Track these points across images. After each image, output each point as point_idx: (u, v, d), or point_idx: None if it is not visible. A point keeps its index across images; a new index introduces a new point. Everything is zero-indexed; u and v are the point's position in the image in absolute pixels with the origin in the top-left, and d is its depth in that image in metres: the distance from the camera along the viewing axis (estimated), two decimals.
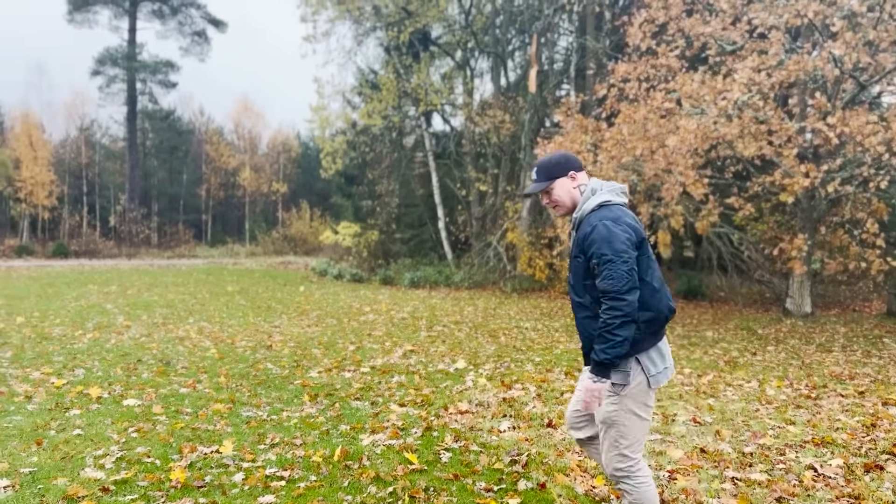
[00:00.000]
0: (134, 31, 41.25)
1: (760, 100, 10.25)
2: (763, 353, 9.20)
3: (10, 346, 8.25)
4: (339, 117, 23.78)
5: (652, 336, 2.89)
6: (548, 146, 12.91)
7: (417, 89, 21.67)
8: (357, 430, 4.99)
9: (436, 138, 24.88)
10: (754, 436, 5.03)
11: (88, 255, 34.29)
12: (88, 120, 45.09)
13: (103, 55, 40.02)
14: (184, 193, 46.65)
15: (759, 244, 16.07)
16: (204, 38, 42.94)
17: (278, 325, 10.91)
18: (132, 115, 41.39)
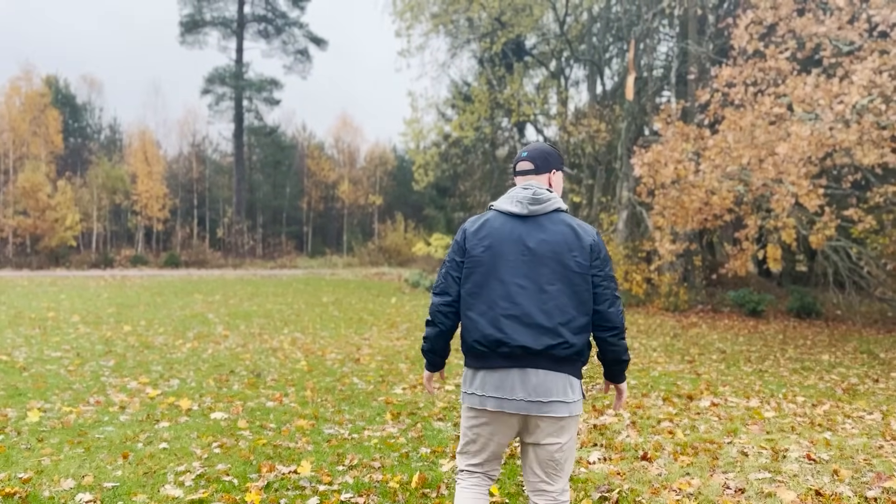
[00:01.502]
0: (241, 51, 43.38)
1: (882, 103, 9.38)
2: (886, 381, 8.34)
3: (114, 354, 8.64)
4: (431, 130, 23.94)
5: (469, 357, 2.69)
6: (645, 155, 12.38)
7: (510, 100, 21.48)
8: (437, 454, 4.80)
9: None
10: (878, 477, 4.46)
11: (197, 265, 36.12)
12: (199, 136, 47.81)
13: (212, 74, 42.28)
14: (286, 206, 48.45)
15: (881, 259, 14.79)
16: (306, 56, 44.60)
17: (368, 337, 10.94)
18: (239, 132, 43.45)
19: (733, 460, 4.81)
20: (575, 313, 2.57)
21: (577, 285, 2.57)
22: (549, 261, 2.58)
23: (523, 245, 2.61)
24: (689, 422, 5.96)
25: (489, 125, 23.25)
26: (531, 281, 2.57)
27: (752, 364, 9.46)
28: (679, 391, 7.33)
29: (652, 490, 4.16)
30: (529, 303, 2.56)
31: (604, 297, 2.60)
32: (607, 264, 2.63)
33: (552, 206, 2.67)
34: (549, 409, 2.55)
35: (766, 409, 6.51)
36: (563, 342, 2.53)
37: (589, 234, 2.63)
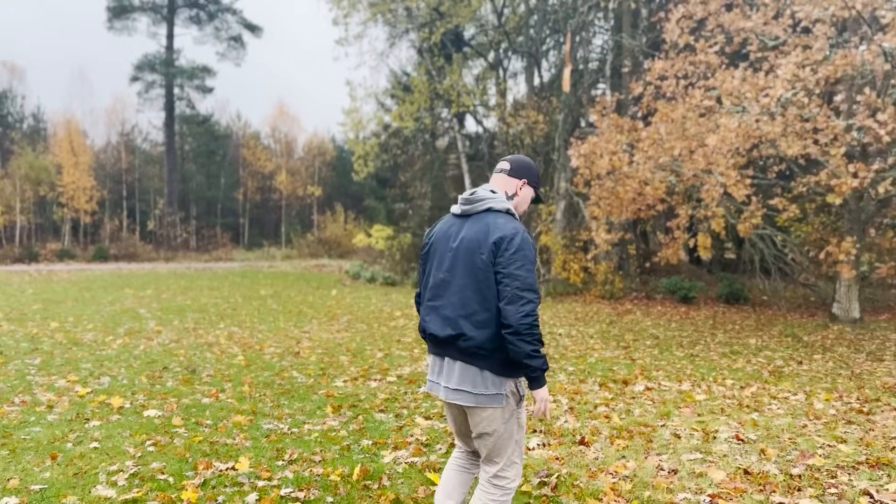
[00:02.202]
0: (171, 38, 41.96)
1: (805, 97, 9.80)
2: (809, 363, 8.75)
3: (41, 352, 8.27)
4: (371, 120, 23.74)
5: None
6: (581, 146, 12.59)
7: (450, 91, 21.49)
8: (379, 446, 4.79)
9: (468, 140, 24.68)
10: (802, 455, 4.69)
11: (128, 259, 34.90)
12: (128, 126, 46.07)
13: (142, 61, 40.78)
14: (221, 197, 47.27)
15: (804, 246, 15.49)
16: (240, 43, 43.49)
17: (308, 330, 10.81)
18: (170, 121, 42.09)
19: (667, 443, 4.97)
20: (477, 307, 2.64)
21: (482, 281, 2.64)
22: (463, 256, 2.70)
23: (451, 242, 2.78)
24: (624, 406, 6.12)
25: (429, 116, 23.19)
26: (450, 274, 2.72)
27: (684, 349, 9.78)
28: (615, 376, 7.51)
29: (589, 473, 4.26)
30: (445, 295, 2.73)
31: (503, 294, 2.61)
32: (514, 263, 2.60)
33: (484, 206, 2.77)
34: (455, 397, 2.70)
35: (698, 392, 6.74)
36: (462, 334, 2.64)
37: (498, 231, 2.66)
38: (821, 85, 9.76)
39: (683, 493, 3.95)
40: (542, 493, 3.94)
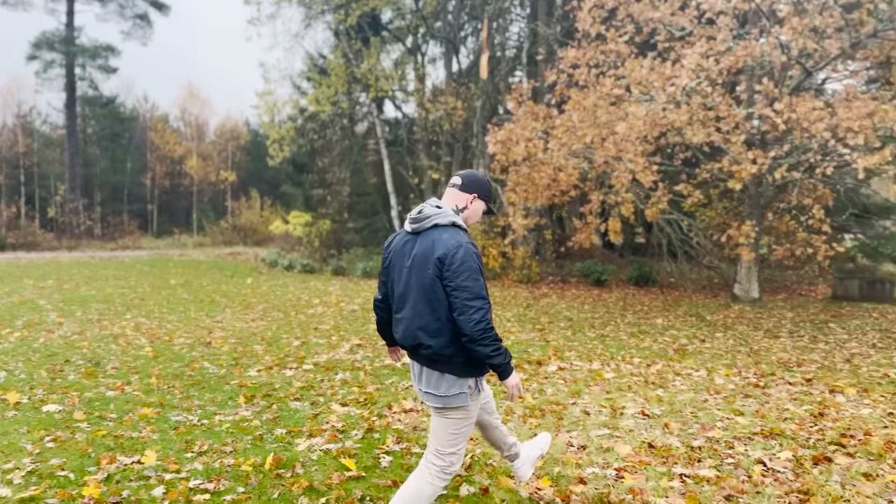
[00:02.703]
0: (72, 14, 39.50)
1: (708, 86, 10.24)
2: (712, 340, 9.22)
3: None
4: (286, 103, 23.20)
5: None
6: (498, 133, 12.73)
7: (367, 75, 21.25)
8: (293, 434, 4.72)
9: (388, 125, 24.52)
10: (703, 428, 4.94)
11: (26, 248, 32.88)
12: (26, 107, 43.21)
13: (39, 39, 38.22)
14: (128, 183, 45.08)
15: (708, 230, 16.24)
16: (146, 21, 41.37)
17: (221, 319, 10.51)
18: (71, 102, 39.72)
19: (577, 419, 5.13)
20: (430, 318, 2.86)
21: (430, 294, 2.85)
22: (416, 273, 2.91)
23: (406, 259, 2.98)
24: (538, 386, 6.27)
25: (347, 100, 22.88)
26: (407, 289, 2.95)
27: (595, 330, 10.09)
28: (530, 358, 7.68)
29: None
30: (404, 309, 2.97)
31: (454, 306, 2.80)
32: (459, 276, 2.77)
33: (430, 223, 2.96)
34: (426, 398, 3.01)
35: (607, 371, 6.98)
36: (420, 343, 2.89)
37: (441, 248, 2.83)
38: (723, 75, 10.21)
39: (591, 468, 4.09)
40: (457, 473, 3.99)
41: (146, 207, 45.74)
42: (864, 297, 14.86)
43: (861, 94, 9.91)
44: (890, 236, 18.84)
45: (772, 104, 9.93)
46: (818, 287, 17.64)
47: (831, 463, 4.21)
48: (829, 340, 9.44)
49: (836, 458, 4.28)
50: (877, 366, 7.57)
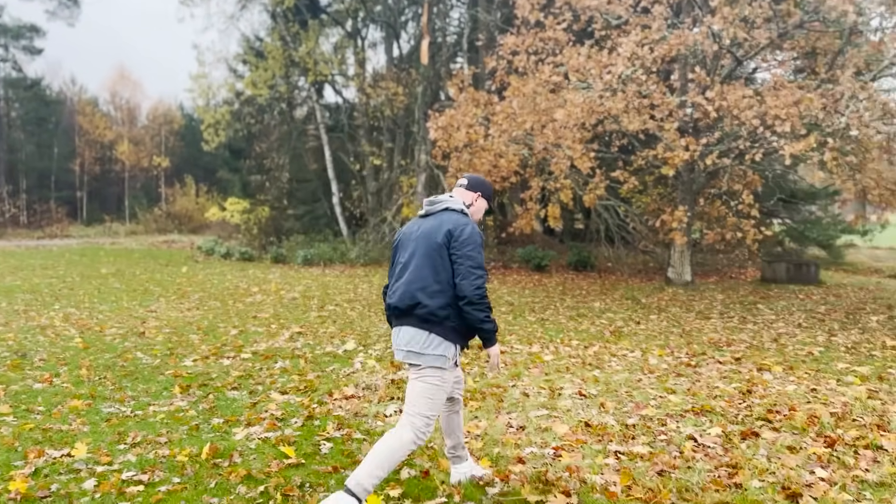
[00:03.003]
0: None
1: (643, 74, 10.46)
2: (646, 322, 9.48)
3: None
4: (222, 86, 22.62)
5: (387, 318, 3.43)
6: (439, 119, 12.71)
7: (306, 59, 20.87)
8: (231, 424, 4.64)
9: (328, 110, 24.18)
10: (637, 407, 5.08)
11: None
12: None
13: None
14: (55, 169, 43.13)
15: (644, 216, 16.66)
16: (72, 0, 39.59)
17: (155, 309, 10.21)
18: None
19: (516, 401, 5.21)
20: (431, 280, 3.18)
21: (435, 259, 3.20)
22: (422, 243, 3.27)
23: (413, 234, 3.36)
24: (479, 370, 6.33)
25: (285, 84, 22.44)
26: (411, 258, 3.28)
27: (535, 314, 10.25)
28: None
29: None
30: (405, 274, 3.27)
31: (458, 271, 3.17)
32: (465, 246, 3.18)
33: (442, 206, 3.40)
34: (407, 357, 3.23)
35: (546, 354, 7.11)
36: (418, 303, 3.16)
37: (451, 223, 3.27)
38: (658, 63, 10.45)
39: (530, 448, 4.16)
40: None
41: (75, 194, 43.88)
42: (791, 279, 15.53)
43: (788, 83, 10.31)
44: (816, 221, 19.75)
45: (704, 92, 10.22)
46: (748, 270, 18.34)
47: (758, 437, 4.40)
48: (758, 321, 9.84)
49: (763, 433, 4.47)
50: (802, 344, 7.94)
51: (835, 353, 7.41)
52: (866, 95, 9.54)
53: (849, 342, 8.15)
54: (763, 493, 3.51)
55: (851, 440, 4.30)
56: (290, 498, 3.41)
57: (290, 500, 3.38)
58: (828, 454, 4.06)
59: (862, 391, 5.57)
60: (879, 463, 3.92)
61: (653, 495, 3.46)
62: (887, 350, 7.65)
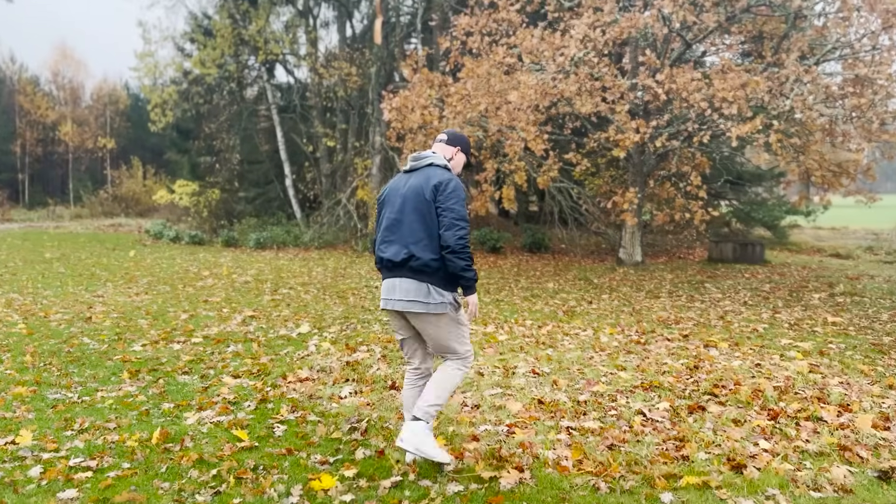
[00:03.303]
0: None
1: (595, 57, 10.55)
2: (598, 302, 9.65)
3: None
4: (169, 65, 21.96)
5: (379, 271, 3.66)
6: (393, 100, 12.61)
7: (256, 37, 20.41)
8: (182, 408, 4.57)
9: (279, 91, 23.74)
10: (588, 383, 5.18)
11: None
12: None
13: None
14: None
15: (596, 198, 16.90)
16: None
17: (102, 294, 9.94)
18: None
19: (471, 381, 5.25)
20: (423, 235, 3.42)
21: (426, 215, 3.44)
22: (411, 199, 3.49)
23: (400, 190, 3.57)
24: None
25: (234, 63, 21.92)
26: (401, 214, 3.51)
27: (490, 295, 10.33)
28: None
29: (399, 415, 4.39)
30: (398, 230, 3.49)
31: (443, 223, 3.41)
32: (450, 199, 3.42)
33: (426, 162, 3.60)
34: (409, 307, 3.45)
35: (501, 333, 7.18)
36: (412, 255, 3.41)
37: (436, 177, 3.49)
38: (609, 46, 10.55)
39: (485, 425, 4.21)
40: (353, 437, 4.01)
41: (16, 177, 42.20)
42: (737, 258, 15.98)
43: (736, 66, 10.53)
44: (761, 202, 20.34)
45: (654, 75, 10.38)
46: (696, 250, 18.79)
47: (704, 411, 4.54)
48: (705, 299, 10.11)
49: (709, 407, 4.61)
50: (747, 321, 8.20)
51: (778, 330, 7.68)
52: (810, 79, 9.82)
53: (792, 319, 8.44)
54: (709, 464, 3.63)
55: (793, 412, 4.47)
56: (243, 481, 3.39)
57: (243, 483, 3.36)
58: (771, 426, 4.21)
59: (804, 366, 5.79)
60: (819, 434, 4.09)
61: (603, 468, 3.54)
62: (828, 326, 7.96)
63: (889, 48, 9.80)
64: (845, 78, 11.05)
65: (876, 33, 9.98)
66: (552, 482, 3.39)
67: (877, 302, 10.12)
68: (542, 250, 18.36)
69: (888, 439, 4.00)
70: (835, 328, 7.83)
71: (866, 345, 6.87)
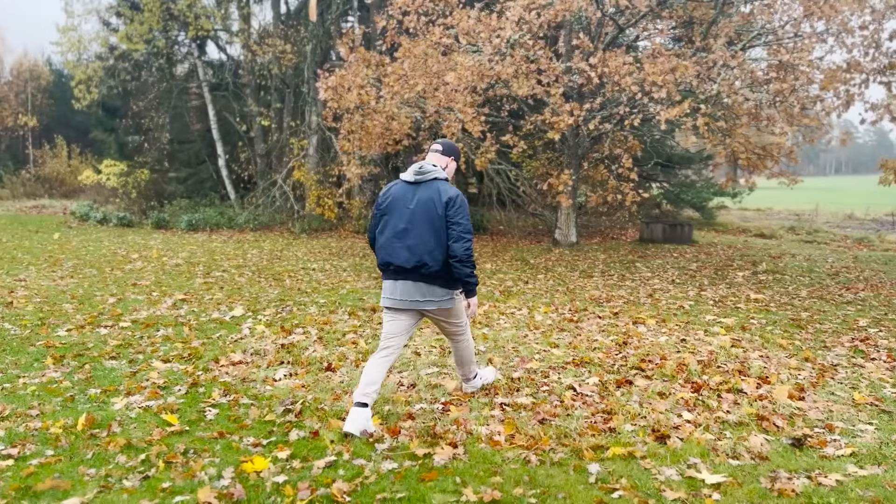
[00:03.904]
0: None
1: (531, 39, 10.63)
2: (534, 282, 9.82)
3: None
4: (93, 40, 21.00)
5: (382, 272, 4.11)
6: (329, 79, 12.42)
7: (186, 12, 19.71)
8: (109, 394, 4.45)
9: (211, 68, 23.02)
10: (522, 361, 5.29)
11: None
12: None
13: None
14: None
15: (533, 180, 17.11)
16: None
17: (24, 278, 9.52)
18: None
19: (408, 360, 5.29)
20: (433, 245, 3.87)
21: (438, 228, 3.88)
22: (422, 212, 3.90)
23: (408, 203, 3.95)
24: (371, 332, 6.36)
25: (163, 38, 21.12)
26: (411, 225, 3.91)
27: None
28: (364, 305, 7.76)
29: (334, 396, 4.40)
30: (408, 238, 3.91)
31: (451, 235, 3.88)
32: (458, 214, 3.89)
33: (431, 176, 4.00)
34: (424, 305, 4.00)
35: None
36: (424, 264, 3.87)
37: (446, 193, 3.93)
38: (544, 28, 10.65)
39: (420, 404, 4.26)
40: (287, 419, 3.99)
41: None
42: (667, 239, 16.49)
43: (666, 51, 10.79)
44: (690, 184, 20.99)
45: (587, 59, 10.54)
46: (628, 231, 19.28)
47: (632, 385, 4.70)
48: (635, 278, 10.42)
49: (636, 381, 4.78)
50: (674, 299, 8.50)
51: (703, 307, 8.00)
52: (736, 64, 10.16)
53: (716, 296, 8.80)
54: (635, 435, 3.77)
55: (715, 385, 4.68)
56: (172, 465, 3.34)
57: (173, 467, 3.31)
58: (694, 398, 4.40)
59: (726, 340, 6.06)
60: (739, 405, 4.29)
61: (534, 442, 3.64)
62: (750, 303, 8.33)
63: (810, 35, 10.22)
64: (769, 63, 11.48)
65: (798, 20, 10.38)
66: (485, 457, 3.47)
67: (797, 279, 10.64)
68: (481, 232, 18.50)
69: (802, 409, 4.24)
70: (756, 304, 8.20)
71: (785, 320, 7.23)
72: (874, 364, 5.39)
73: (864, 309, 8.02)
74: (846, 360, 5.54)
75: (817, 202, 27.65)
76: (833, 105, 10.58)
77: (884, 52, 10.01)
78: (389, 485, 3.15)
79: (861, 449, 3.60)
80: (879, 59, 10.10)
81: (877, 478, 3.24)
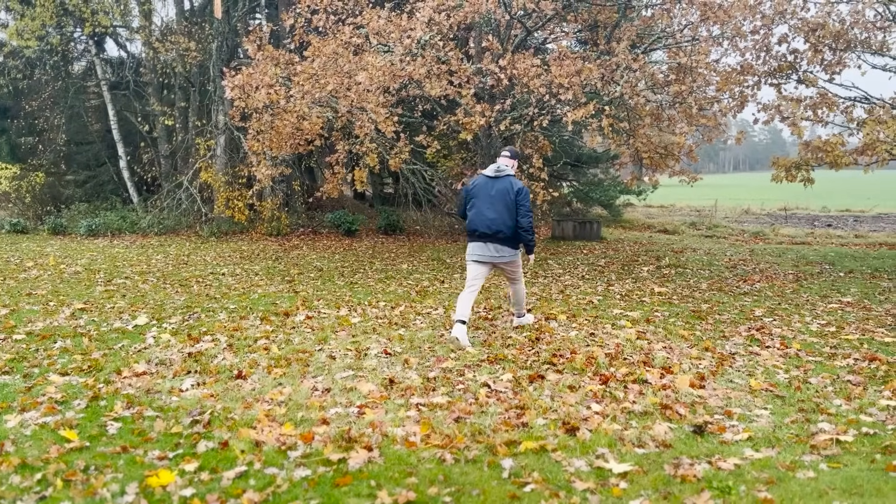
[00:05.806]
0: None
1: (441, 40, 10.70)
2: (450, 282, 9.90)
3: None
4: None
5: (470, 236, 6.11)
6: (235, 78, 12.07)
7: (82, 7, 18.70)
8: (2, 411, 4.17)
9: (110, 66, 21.94)
10: (438, 360, 5.32)
11: None
12: None
13: None
14: None
15: (448, 180, 17.24)
16: None
17: None
18: None
19: (322, 365, 5.23)
20: (508, 219, 5.88)
21: (510, 208, 5.87)
22: (500, 198, 5.89)
23: (490, 190, 5.95)
24: (284, 336, 6.25)
25: (57, 35, 19.97)
26: (493, 206, 5.90)
27: (344, 278, 10.28)
28: (277, 310, 7.60)
29: (245, 405, 4.29)
30: (490, 215, 5.90)
31: (520, 213, 5.88)
32: (525, 200, 5.86)
33: (505, 173, 6.00)
34: (501, 259, 6.04)
35: (354, 316, 7.18)
36: (500, 230, 5.89)
37: (516, 186, 5.90)
38: (454, 29, 10.73)
39: (335, 408, 4.21)
40: (195, 430, 3.86)
41: None
42: (577, 236, 16.98)
43: (572, 53, 11.10)
44: (598, 183, 21.67)
45: (497, 60, 10.70)
46: (541, 229, 19.71)
47: (544, 380, 4.82)
48: (547, 275, 10.67)
49: (548, 376, 4.90)
50: (584, 294, 8.76)
51: (611, 301, 8.28)
52: (638, 67, 10.56)
53: (623, 290, 9.13)
54: (546, 429, 3.87)
55: (622, 377, 4.86)
56: (72, 483, 3.17)
57: (72, 485, 3.14)
58: (602, 390, 4.56)
59: (632, 333, 6.30)
60: (644, 395, 4.47)
61: (449, 441, 3.67)
62: (654, 296, 8.69)
63: (706, 39, 10.74)
64: (669, 66, 12.00)
65: (695, 25, 10.88)
66: (400, 458, 3.47)
67: (697, 273, 11.18)
68: (397, 232, 18.48)
69: (703, 397, 4.46)
70: (660, 298, 8.57)
71: (687, 312, 7.59)
72: (769, 352, 5.73)
73: (760, 299, 8.52)
74: (743, 348, 5.87)
75: (716, 198, 29.17)
76: (729, 106, 11.19)
77: (773, 56, 10.66)
78: (303, 492, 3.10)
79: (757, 433, 3.82)
80: (770, 62, 10.75)
81: (771, 460, 3.45)
